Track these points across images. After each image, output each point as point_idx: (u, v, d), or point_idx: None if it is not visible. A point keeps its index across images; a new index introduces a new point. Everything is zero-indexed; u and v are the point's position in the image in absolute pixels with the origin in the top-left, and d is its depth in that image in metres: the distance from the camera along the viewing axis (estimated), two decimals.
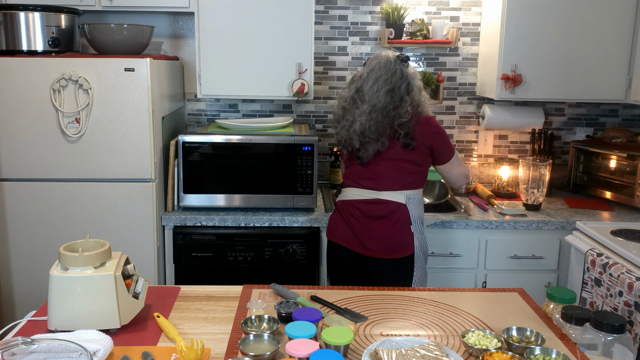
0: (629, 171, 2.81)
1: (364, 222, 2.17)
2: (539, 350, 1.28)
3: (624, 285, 1.97)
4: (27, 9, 2.51)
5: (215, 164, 2.66)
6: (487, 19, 3.03)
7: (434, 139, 2.19)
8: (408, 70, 2.19)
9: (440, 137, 2.21)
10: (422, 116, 2.19)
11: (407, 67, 2.20)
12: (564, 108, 3.27)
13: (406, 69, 2.19)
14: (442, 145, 2.21)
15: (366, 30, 3.14)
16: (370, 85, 2.16)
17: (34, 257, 2.57)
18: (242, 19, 2.74)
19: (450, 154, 2.25)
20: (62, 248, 1.43)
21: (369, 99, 2.15)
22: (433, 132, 2.19)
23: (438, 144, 2.20)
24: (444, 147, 2.22)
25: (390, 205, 2.16)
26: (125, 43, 2.64)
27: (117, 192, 2.53)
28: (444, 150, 2.22)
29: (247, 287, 1.73)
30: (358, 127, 2.15)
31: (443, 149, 2.22)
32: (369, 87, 2.16)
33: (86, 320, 1.39)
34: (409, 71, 2.19)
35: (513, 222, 2.62)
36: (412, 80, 2.19)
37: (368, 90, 2.16)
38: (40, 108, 2.45)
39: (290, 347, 1.26)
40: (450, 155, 2.25)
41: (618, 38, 2.79)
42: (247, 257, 2.63)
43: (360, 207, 2.19)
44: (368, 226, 2.16)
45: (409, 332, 1.46)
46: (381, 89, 2.13)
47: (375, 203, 2.17)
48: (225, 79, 2.80)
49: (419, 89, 2.21)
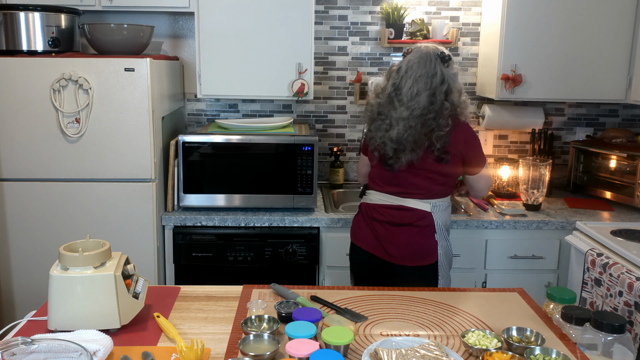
0: (629, 171, 2.81)
1: (387, 228, 2.11)
2: (539, 350, 1.28)
3: (624, 285, 1.97)
4: (27, 9, 2.51)
5: (215, 164, 2.66)
6: (487, 19, 3.03)
7: (467, 149, 2.08)
8: (449, 71, 2.06)
9: (474, 147, 2.11)
10: (459, 124, 2.06)
11: (447, 68, 2.06)
12: (564, 108, 3.27)
13: (447, 70, 2.06)
14: (475, 157, 2.11)
15: (366, 30, 3.14)
16: (410, 85, 2.02)
17: (34, 257, 2.57)
18: (242, 19, 2.74)
19: (481, 164, 2.14)
20: (62, 248, 1.43)
21: (407, 101, 2.02)
22: (468, 142, 2.08)
23: (471, 155, 2.10)
24: (477, 158, 2.12)
25: (416, 213, 2.09)
26: (125, 43, 2.64)
27: (117, 192, 2.53)
28: (475, 161, 2.12)
29: (247, 287, 1.73)
30: (395, 134, 2.02)
31: (475, 160, 2.12)
32: (408, 87, 2.02)
33: (86, 320, 1.39)
34: (449, 72, 2.06)
35: (513, 222, 2.62)
36: (453, 83, 2.05)
37: (407, 92, 2.02)
38: (40, 108, 2.45)
39: (290, 347, 1.26)
40: (482, 166, 2.14)
41: (618, 38, 2.79)
42: (247, 257, 2.63)
43: (384, 213, 2.12)
44: (391, 232, 2.10)
45: (409, 332, 1.46)
46: (421, 93, 2.00)
47: (400, 209, 2.10)
48: (225, 79, 2.80)
49: (458, 92, 2.07)
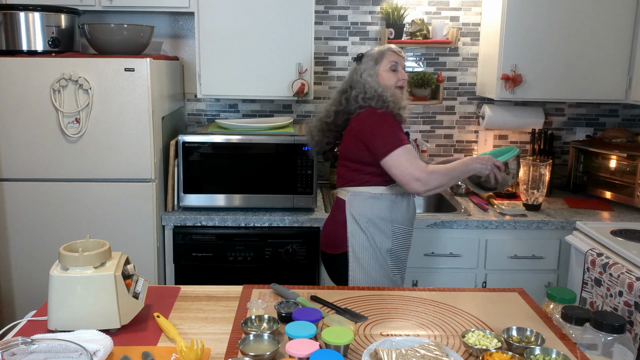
0: (629, 171, 2.81)
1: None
2: (539, 350, 1.28)
3: (624, 285, 1.97)
4: (27, 9, 2.51)
5: (215, 164, 2.66)
6: (487, 19, 3.03)
7: (365, 133, 2.06)
8: (359, 69, 2.17)
9: (373, 132, 2.05)
10: (363, 112, 2.10)
11: (360, 65, 2.18)
12: (564, 108, 3.27)
13: (358, 67, 2.18)
14: (374, 141, 2.03)
15: (366, 30, 3.14)
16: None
17: (34, 257, 2.57)
18: (242, 19, 2.74)
19: (384, 149, 2.02)
20: (62, 248, 1.43)
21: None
22: (365, 126, 2.06)
23: (371, 139, 2.04)
24: (376, 142, 2.03)
25: (337, 202, 2.20)
26: (125, 43, 2.64)
27: (117, 192, 2.53)
28: (375, 146, 2.03)
29: (247, 287, 1.73)
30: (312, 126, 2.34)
31: (375, 144, 2.03)
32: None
33: (86, 320, 1.39)
34: (359, 69, 2.17)
35: (513, 222, 2.62)
36: (358, 79, 2.15)
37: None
38: (40, 108, 2.45)
39: (290, 347, 1.26)
40: (385, 152, 2.02)
41: (618, 38, 2.79)
42: (247, 257, 2.63)
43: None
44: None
45: (409, 332, 1.46)
46: (339, 90, 2.23)
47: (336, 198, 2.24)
48: (225, 79, 2.80)
49: (365, 85, 2.12)
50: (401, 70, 2.18)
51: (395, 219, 2.12)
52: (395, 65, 2.15)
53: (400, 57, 2.18)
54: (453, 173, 2.04)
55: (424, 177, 1.98)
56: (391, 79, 2.14)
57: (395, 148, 2.01)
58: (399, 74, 2.17)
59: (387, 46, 2.20)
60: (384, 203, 2.10)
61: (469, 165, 2.08)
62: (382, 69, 2.15)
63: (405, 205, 2.15)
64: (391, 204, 2.10)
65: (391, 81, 2.14)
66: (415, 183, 1.98)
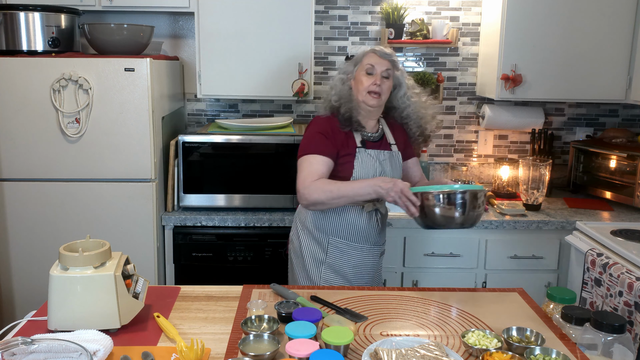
0: (629, 171, 2.81)
1: None
2: (539, 350, 1.28)
3: (624, 285, 1.97)
4: (27, 9, 2.51)
5: (215, 164, 2.66)
6: (487, 19, 3.03)
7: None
8: (341, 67, 2.12)
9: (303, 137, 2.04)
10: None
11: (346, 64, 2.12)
12: (564, 108, 3.27)
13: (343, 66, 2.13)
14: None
15: (366, 30, 3.14)
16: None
17: (34, 257, 2.57)
18: (242, 19, 2.74)
19: (299, 153, 2.00)
20: (62, 248, 1.43)
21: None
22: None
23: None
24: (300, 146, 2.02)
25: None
26: (125, 43, 2.64)
27: (117, 192, 2.53)
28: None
29: (247, 287, 1.73)
30: None
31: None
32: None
33: (86, 320, 1.39)
34: (341, 67, 2.12)
35: (513, 222, 2.61)
36: (335, 76, 2.10)
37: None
38: (40, 108, 2.45)
39: (290, 347, 1.26)
40: (298, 155, 2.00)
41: (618, 38, 2.79)
42: (247, 257, 2.63)
43: None
44: None
45: (409, 332, 1.46)
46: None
47: None
48: (225, 79, 2.79)
49: (334, 89, 2.06)
50: (378, 73, 1.99)
51: (335, 231, 2.02)
52: (371, 68, 1.99)
53: (381, 60, 1.99)
54: (339, 190, 1.86)
55: (303, 189, 1.89)
56: (364, 83, 1.99)
57: (300, 156, 1.98)
58: (373, 77, 1.99)
59: (371, 47, 2.06)
60: (324, 213, 2.02)
61: (366, 186, 1.86)
62: (359, 71, 2.02)
63: (358, 219, 2.02)
64: (334, 215, 2.01)
65: (363, 85, 1.99)
66: (299, 194, 1.92)
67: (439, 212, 1.72)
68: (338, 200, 1.87)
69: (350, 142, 2.01)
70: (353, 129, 2.01)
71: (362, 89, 1.99)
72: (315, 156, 1.94)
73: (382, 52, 2.01)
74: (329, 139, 1.97)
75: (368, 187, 1.84)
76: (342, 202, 1.89)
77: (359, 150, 2.00)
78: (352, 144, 2.01)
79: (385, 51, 2.01)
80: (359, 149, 2.00)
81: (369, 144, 2.05)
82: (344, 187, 1.86)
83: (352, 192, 1.86)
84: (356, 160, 1.99)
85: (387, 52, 2.01)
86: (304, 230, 2.09)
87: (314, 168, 1.92)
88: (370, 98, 1.99)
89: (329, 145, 1.96)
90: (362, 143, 2.02)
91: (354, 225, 2.03)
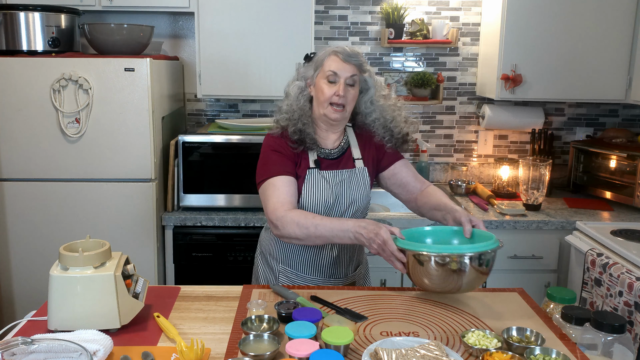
0: (629, 171, 2.81)
1: None
2: (539, 350, 1.28)
3: (624, 285, 1.97)
4: (27, 9, 2.51)
5: (215, 164, 2.66)
6: (487, 19, 3.03)
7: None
8: (299, 71, 1.86)
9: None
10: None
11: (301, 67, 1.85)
12: (564, 108, 3.27)
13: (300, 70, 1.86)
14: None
15: (366, 30, 3.14)
16: None
17: (34, 257, 2.57)
18: (242, 19, 2.74)
19: (257, 178, 1.79)
20: (62, 248, 1.43)
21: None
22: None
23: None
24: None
25: None
26: (125, 43, 2.64)
27: (117, 192, 2.53)
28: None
29: (247, 287, 1.72)
30: None
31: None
32: None
33: (86, 320, 1.39)
34: (299, 71, 1.86)
35: (513, 222, 2.61)
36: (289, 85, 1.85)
37: None
38: (40, 108, 2.45)
39: (290, 347, 1.26)
40: (257, 185, 1.79)
41: (618, 38, 2.79)
42: (247, 257, 2.63)
43: None
44: None
45: (408, 332, 1.45)
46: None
47: None
48: (225, 79, 2.79)
49: (288, 99, 1.81)
50: (342, 82, 1.70)
51: (285, 259, 1.86)
52: (333, 76, 1.71)
53: (345, 65, 1.70)
54: (316, 229, 1.62)
55: (276, 219, 1.66)
56: (325, 92, 1.71)
57: (260, 182, 1.76)
58: (336, 86, 1.70)
59: (333, 48, 1.74)
60: (276, 239, 1.84)
61: (347, 230, 1.59)
62: (320, 77, 1.74)
63: (311, 250, 1.82)
64: (286, 242, 1.76)
65: (324, 95, 1.72)
66: (270, 224, 1.70)
67: (431, 277, 1.46)
68: (315, 240, 1.64)
69: (302, 162, 1.78)
70: (306, 148, 1.77)
71: (322, 99, 1.73)
72: (277, 178, 1.72)
73: (345, 55, 1.71)
74: (285, 156, 1.76)
75: (349, 231, 1.59)
76: (318, 242, 1.66)
77: (309, 171, 1.76)
78: (304, 164, 1.77)
79: (349, 52, 1.72)
80: (309, 170, 1.76)
81: (326, 162, 1.80)
82: (322, 226, 1.61)
83: (329, 234, 1.61)
84: (304, 184, 1.76)
85: (351, 54, 1.72)
86: (259, 253, 1.97)
87: (281, 192, 1.70)
88: (331, 111, 1.72)
89: (287, 163, 1.75)
90: (316, 163, 1.78)
91: (304, 254, 1.83)
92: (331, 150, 1.83)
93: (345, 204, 1.81)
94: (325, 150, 1.82)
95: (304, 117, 1.75)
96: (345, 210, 1.82)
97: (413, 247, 1.48)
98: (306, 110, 1.77)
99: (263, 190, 1.75)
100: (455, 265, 1.43)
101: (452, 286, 1.48)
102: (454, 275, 1.45)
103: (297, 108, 1.77)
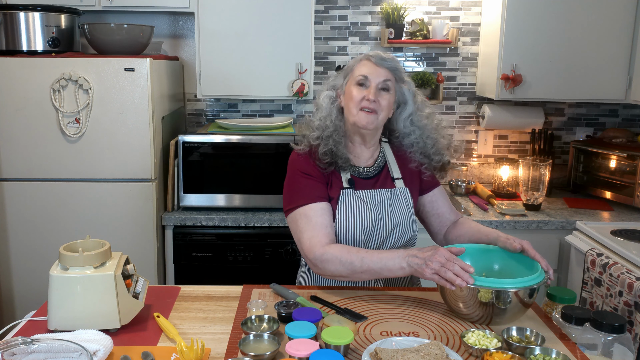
0: (629, 171, 2.81)
1: None
2: (539, 350, 1.28)
3: (624, 285, 1.97)
4: (27, 9, 2.51)
5: (215, 164, 2.66)
6: (487, 19, 3.03)
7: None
8: (328, 81, 1.71)
9: (285, 182, 1.66)
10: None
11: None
12: (564, 108, 3.27)
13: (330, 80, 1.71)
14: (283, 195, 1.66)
15: (366, 30, 3.14)
16: None
17: (34, 257, 2.57)
18: (242, 19, 2.74)
19: (285, 206, 1.63)
20: (62, 248, 1.42)
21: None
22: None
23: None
24: (284, 196, 1.66)
25: None
26: (125, 43, 2.64)
27: (117, 192, 2.53)
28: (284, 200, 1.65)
29: (247, 287, 1.72)
30: None
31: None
32: None
33: (86, 320, 1.39)
34: (328, 82, 1.71)
35: (513, 222, 2.61)
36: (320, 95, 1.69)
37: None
38: (40, 108, 2.45)
39: (290, 347, 1.26)
40: (285, 212, 1.64)
41: (618, 38, 2.79)
42: (247, 257, 2.63)
43: None
44: None
45: (408, 332, 1.45)
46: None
47: None
48: (225, 79, 2.80)
49: (319, 112, 1.65)
50: (373, 86, 1.56)
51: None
52: (364, 80, 1.57)
53: (378, 69, 1.57)
54: (362, 263, 1.49)
55: (314, 259, 1.53)
56: (355, 97, 1.57)
57: (289, 210, 1.61)
58: (367, 91, 1.56)
59: (366, 54, 1.62)
60: (315, 275, 1.72)
61: (397, 257, 1.46)
62: (350, 83, 1.61)
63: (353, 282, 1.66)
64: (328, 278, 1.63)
65: (354, 100, 1.57)
66: (309, 263, 1.57)
67: (475, 306, 1.41)
68: (361, 275, 1.50)
69: (334, 181, 1.62)
70: (337, 169, 1.62)
71: (352, 105, 1.57)
72: (309, 207, 1.56)
73: (378, 58, 1.57)
74: (315, 178, 1.60)
75: (399, 258, 1.44)
76: (365, 277, 1.51)
77: (343, 192, 1.60)
78: (336, 184, 1.62)
79: (383, 56, 1.58)
80: (343, 191, 1.60)
81: (360, 182, 1.64)
82: (369, 259, 1.47)
83: (378, 266, 1.47)
84: (338, 207, 1.60)
85: (385, 57, 1.58)
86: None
87: (316, 224, 1.54)
88: (362, 116, 1.56)
89: (319, 186, 1.59)
90: (350, 182, 1.62)
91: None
92: (366, 169, 1.66)
93: (387, 229, 1.62)
94: (359, 168, 1.66)
95: (337, 134, 1.60)
96: (387, 236, 1.63)
97: (488, 284, 1.38)
98: (340, 127, 1.61)
99: (294, 220, 1.59)
100: (507, 298, 1.39)
101: (483, 320, 1.46)
102: (495, 309, 1.41)
103: (331, 123, 1.61)
